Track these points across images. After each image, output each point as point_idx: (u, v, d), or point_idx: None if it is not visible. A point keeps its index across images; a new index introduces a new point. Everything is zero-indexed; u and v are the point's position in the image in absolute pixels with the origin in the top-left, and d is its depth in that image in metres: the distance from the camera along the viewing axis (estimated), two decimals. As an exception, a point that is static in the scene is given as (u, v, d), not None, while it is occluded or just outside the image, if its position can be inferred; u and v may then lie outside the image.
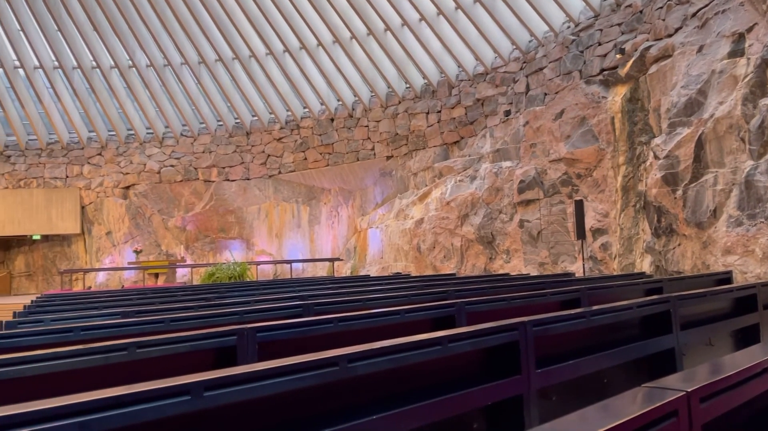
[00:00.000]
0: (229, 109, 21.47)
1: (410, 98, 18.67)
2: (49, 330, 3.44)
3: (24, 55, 19.91)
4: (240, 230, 21.63)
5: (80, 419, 1.41)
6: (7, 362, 2.24)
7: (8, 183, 21.64)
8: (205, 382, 1.66)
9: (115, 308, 5.68)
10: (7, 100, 20.74)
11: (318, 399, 2.04)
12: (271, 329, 3.05)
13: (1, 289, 20.97)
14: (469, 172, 15.35)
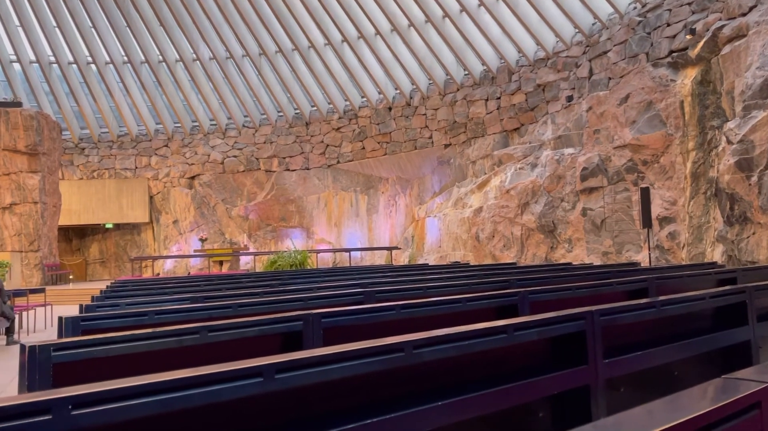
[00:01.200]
0: (288, 100, 21.81)
1: (469, 85, 18.47)
2: (125, 314, 3.61)
3: (96, 51, 20.78)
4: (300, 219, 22.00)
5: (162, 397, 1.49)
6: (90, 343, 2.38)
7: (83, 174, 22.72)
8: (276, 365, 1.71)
9: (184, 294, 5.89)
10: (81, 94, 21.73)
11: (383, 384, 2.07)
12: (336, 315, 3.10)
13: (78, 275, 22.08)
14: (529, 160, 15.08)
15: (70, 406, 1.35)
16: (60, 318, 3.25)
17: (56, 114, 21.74)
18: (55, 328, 10.75)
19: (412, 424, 1.93)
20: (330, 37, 19.36)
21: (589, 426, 1.24)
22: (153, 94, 21.76)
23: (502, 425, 2.30)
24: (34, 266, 18.08)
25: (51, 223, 19.30)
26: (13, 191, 18.16)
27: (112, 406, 1.42)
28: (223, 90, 21.57)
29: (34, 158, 18.47)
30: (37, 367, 2.22)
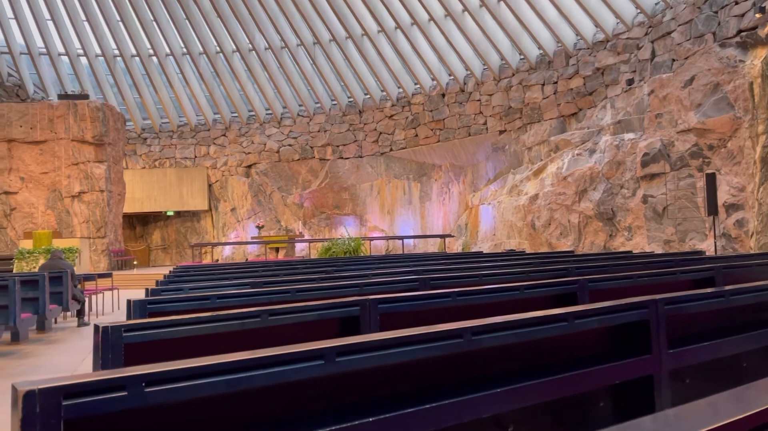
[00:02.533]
0: (342, 88, 21.93)
1: (524, 70, 18.12)
2: (189, 298, 3.73)
3: (157, 44, 21.41)
4: (353, 206, 22.17)
5: (229, 377, 1.54)
6: (158, 324, 2.47)
7: (145, 163, 23.53)
8: (337, 348, 1.74)
9: (243, 279, 6.05)
10: (143, 86, 22.46)
11: (441, 370, 2.08)
12: (392, 301, 3.12)
13: (141, 261, 22.97)
14: (587, 145, 14.71)
15: (143, 383, 1.41)
16: (128, 301, 3.39)
17: (120, 105, 22.55)
18: (121, 311, 11.24)
19: (470, 410, 1.93)
20: (383, 24, 19.32)
21: (649, 418, 1.21)
22: (211, 84, 22.28)
23: (562, 413, 2.27)
24: (101, 252, 18.89)
25: (116, 211, 20.10)
26: (82, 180, 18.98)
27: (182, 385, 1.47)
28: (278, 79, 21.88)
29: (100, 148, 19.22)
30: (110, 347, 2.33)
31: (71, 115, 18.99)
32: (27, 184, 18.88)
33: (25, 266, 15.55)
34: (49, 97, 21.68)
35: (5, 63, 21.16)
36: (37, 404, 1.27)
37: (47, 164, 18.93)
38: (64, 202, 18.91)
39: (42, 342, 8.10)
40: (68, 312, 9.43)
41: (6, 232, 18.75)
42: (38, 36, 21.02)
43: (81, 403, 1.33)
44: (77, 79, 22.01)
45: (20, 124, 18.81)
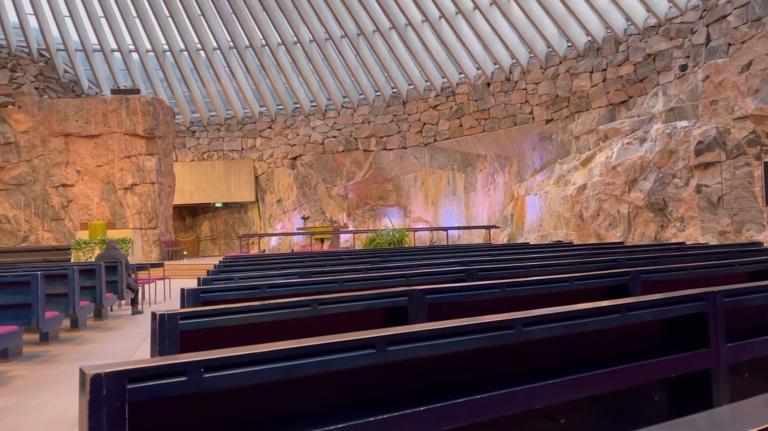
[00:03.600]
0: (386, 79, 21.92)
1: (572, 57, 17.74)
2: (239, 287, 3.82)
3: (204, 38, 21.81)
4: (397, 198, 22.19)
5: (284, 364, 1.57)
6: (213, 312, 2.54)
7: (194, 156, 24.07)
8: (388, 337, 1.75)
9: (291, 269, 6.13)
10: (191, 80, 22.94)
11: (491, 361, 2.07)
12: (440, 292, 3.12)
13: (191, 251, 23.56)
14: (638, 134, 14.32)
15: (202, 369, 1.45)
16: (182, 289, 3.49)
17: (170, 99, 23.10)
18: (172, 300, 11.56)
19: (521, 401, 1.92)
20: (427, 13, 19.19)
21: (704, 415, 1.18)
22: (257, 77, 22.59)
23: (615, 406, 2.24)
24: (152, 242, 19.45)
25: (167, 202, 20.65)
26: (134, 173, 19.56)
27: (239, 371, 1.51)
28: (322, 71, 22.02)
29: (151, 141, 19.76)
30: (167, 334, 2.41)
31: (123, 109, 19.57)
32: (83, 176, 19.58)
33: (82, 256, 16.15)
34: (102, 92, 22.37)
35: (62, 60, 21.92)
36: (104, 387, 1.32)
37: (101, 157, 19.57)
38: (118, 194, 19.53)
39: (99, 329, 8.41)
40: (123, 300, 9.76)
41: (64, 223, 19.50)
42: (92, 33, 21.69)
43: (144, 387, 1.38)
44: (129, 74, 22.64)
45: (76, 119, 19.49)
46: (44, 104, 19.52)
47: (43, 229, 19.43)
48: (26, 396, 4.78)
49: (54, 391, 4.92)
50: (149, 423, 1.43)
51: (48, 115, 19.43)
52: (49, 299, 6.75)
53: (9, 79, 19.83)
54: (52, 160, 19.41)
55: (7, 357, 6.11)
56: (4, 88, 19.71)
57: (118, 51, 22.29)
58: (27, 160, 19.33)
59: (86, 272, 8.27)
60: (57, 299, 7.14)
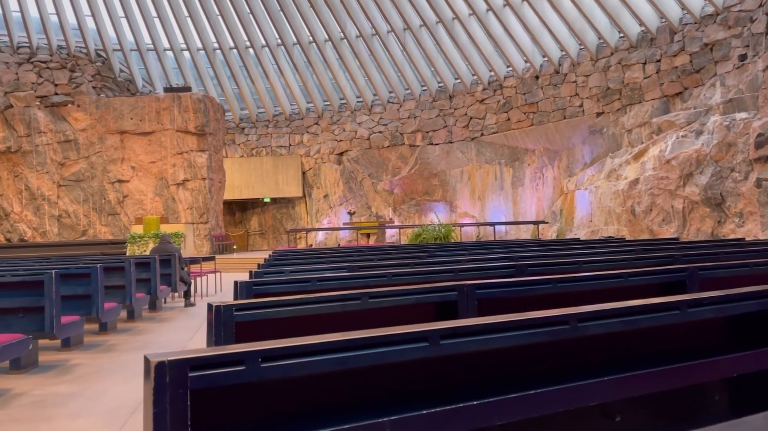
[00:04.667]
0: (432, 74, 21.82)
1: (624, 48, 17.27)
2: (290, 280, 3.88)
3: (253, 36, 22.16)
4: (443, 193, 22.09)
5: (338, 355, 1.59)
6: (266, 304, 2.59)
7: (243, 152, 24.52)
8: (441, 331, 1.75)
9: (339, 263, 6.19)
10: (240, 77, 23.35)
11: (545, 357, 2.05)
12: (490, 287, 3.10)
13: (240, 245, 24.04)
14: (693, 126, 13.85)
15: (259, 359, 1.48)
16: (235, 282, 3.57)
17: (219, 96, 23.57)
18: (223, 293, 11.82)
19: (576, 397, 1.89)
20: (474, 6, 18.99)
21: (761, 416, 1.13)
22: (304, 74, 22.83)
23: (673, 405, 2.18)
24: (203, 236, 19.93)
25: (217, 198, 21.11)
26: (186, 169, 20.07)
27: (295, 361, 1.54)
28: (369, 67, 22.08)
29: (202, 138, 20.22)
30: (222, 325, 2.47)
31: (176, 107, 20.08)
32: (137, 172, 20.20)
33: (137, 249, 16.68)
34: (156, 90, 23.01)
35: (117, 60, 22.64)
36: (167, 374, 1.36)
37: (155, 154, 20.15)
38: (170, 189, 20.08)
39: (154, 320, 8.67)
40: (176, 292, 10.03)
41: (119, 218, 20.18)
42: (146, 33, 22.32)
43: (204, 375, 1.42)
44: (181, 72, 23.21)
45: (131, 117, 20.12)
46: (101, 103, 20.22)
47: (101, 224, 20.15)
48: (88, 383, 4.98)
49: (114, 379, 5.10)
50: (209, 410, 1.48)
51: (105, 113, 20.12)
52: (108, 291, 7.00)
53: (69, 79, 20.61)
54: (108, 156, 20.10)
55: (70, 346, 6.37)
56: (64, 87, 20.49)
57: (170, 50, 22.87)
58: (85, 156, 20.07)
59: (142, 265, 8.54)
60: (115, 291, 7.40)
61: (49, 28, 20.96)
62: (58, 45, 21.29)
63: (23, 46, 20.99)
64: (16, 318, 5.28)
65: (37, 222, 19.92)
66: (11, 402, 4.43)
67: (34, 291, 5.31)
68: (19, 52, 20.81)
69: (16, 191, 19.89)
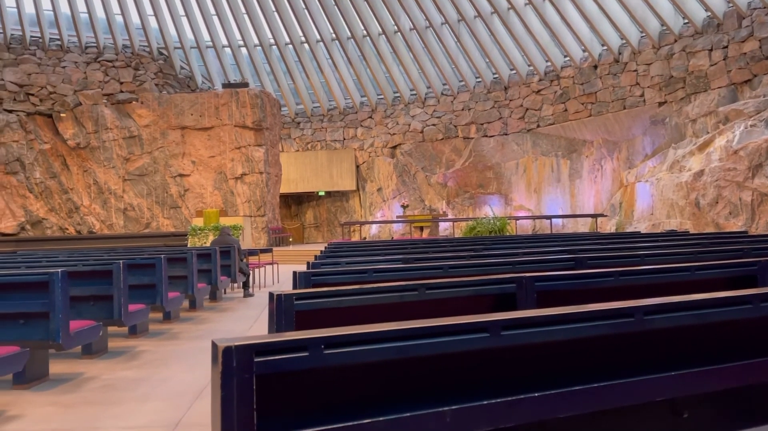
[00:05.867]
0: (487, 65, 21.55)
1: (688, 35, 16.61)
2: (347, 271, 3.92)
3: (308, 31, 22.41)
4: (498, 185, 21.83)
5: (399, 344, 1.60)
6: (325, 294, 2.63)
7: (299, 146, 24.88)
8: (501, 321, 1.74)
9: (393, 255, 6.21)
10: (296, 72, 23.68)
11: (609, 350, 2.00)
12: (549, 279, 3.05)
13: (296, 237, 24.44)
14: (763, 115, 13.21)
15: (322, 346, 1.51)
16: (294, 272, 3.63)
17: (276, 92, 23.97)
18: (281, 284, 12.05)
19: (642, 392, 1.85)
20: (530, -5, 18.63)
21: None
22: (358, 68, 22.94)
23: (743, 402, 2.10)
24: (261, 229, 20.36)
25: (274, 191, 21.52)
26: (243, 163, 20.53)
27: (357, 349, 1.56)
28: (422, 59, 21.99)
29: (259, 133, 20.63)
30: (283, 313, 2.52)
31: (233, 102, 20.55)
32: (197, 167, 20.80)
33: (197, 241, 17.19)
34: (214, 86, 23.59)
35: (178, 57, 23.32)
36: (234, 359, 1.41)
37: (214, 148, 20.70)
38: (229, 183, 20.59)
39: (214, 310, 8.93)
40: (235, 283, 10.29)
41: (181, 211, 20.84)
42: (205, 30, 22.89)
43: (269, 360, 1.45)
44: (238, 68, 23.72)
45: (191, 113, 20.71)
46: (163, 99, 20.89)
47: (163, 216, 20.86)
48: (155, 369, 5.18)
49: (179, 365, 5.29)
50: (273, 394, 1.51)
51: (166, 109, 20.78)
52: (171, 281, 7.24)
53: (133, 77, 21.37)
54: (170, 151, 20.77)
55: (136, 334, 6.64)
56: (129, 85, 21.27)
57: (228, 46, 23.39)
58: (149, 152, 20.80)
59: (203, 256, 8.80)
60: (177, 281, 7.66)
61: (115, 28, 21.78)
62: (123, 44, 22.10)
63: (91, 46, 21.89)
64: (88, 305, 5.53)
65: (105, 215, 20.79)
66: (84, 386, 4.66)
67: (104, 280, 5.54)
68: (87, 52, 21.72)
69: (85, 185, 20.81)
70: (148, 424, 3.75)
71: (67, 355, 5.56)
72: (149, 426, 3.72)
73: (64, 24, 21.48)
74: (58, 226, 20.73)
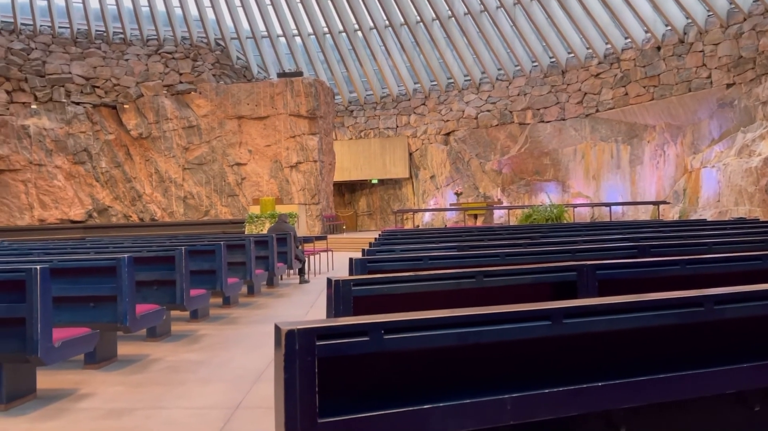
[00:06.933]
0: (544, 49, 21.06)
1: (759, 13, 15.76)
2: (402, 258, 3.93)
3: (361, 18, 22.42)
4: (555, 172, 21.38)
5: (459, 330, 1.59)
6: (382, 280, 2.64)
7: (352, 134, 25.00)
8: (564, 309, 1.70)
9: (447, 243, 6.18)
10: (349, 60, 23.76)
11: (675, 340, 1.94)
12: (612, 267, 2.97)
13: (349, 225, 24.65)
14: (843, 96, 12.42)
15: (383, 331, 1.52)
16: (350, 259, 3.66)
17: (329, 80, 24.13)
18: (335, 271, 12.20)
19: (711, 383, 1.78)
20: (589, -25, 18.05)
21: None
22: (411, 54, 22.82)
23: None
24: (315, 217, 20.62)
25: (328, 179, 21.73)
26: (298, 151, 20.80)
27: (417, 334, 1.56)
28: (477, 44, 21.67)
29: (313, 121, 20.84)
30: (341, 299, 2.54)
31: (288, 91, 20.81)
32: (254, 155, 21.21)
33: (254, 229, 17.57)
34: (269, 76, 23.93)
35: (234, 48, 23.76)
36: (296, 342, 1.43)
37: (269, 137, 21.05)
38: (284, 171, 20.92)
39: (271, 296, 9.12)
40: (291, 270, 10.48)
41: (238, 199, 21.33)
42: (260, 20, 23.22)
43: (331, 344, 1.47)
44: (293, 57, 23.98)
45: (247, 102, 21.11)
46: (220, 89, 21.36)
47: (221, 204, 21.41)
48: (215, 352, 5.34)
49: (238, 349, 5.44)
50: (334, 378, 1.53)
51: (224, 99, 21.24)
52: (230, 267, 7.43)
53: (191, 68, 21.92)
54: (227, 141, 21.25)
55: (197, 318, 6.85)
56: (188, 76, 21.83)
57: (283, 36, 23.66)
58: (207, 141, 21.34)
59: (260, 243, 8.99)
60: (236, 267, 7.85)
61: (174, 21, 22.36)
62: (182, 36, 22.67)
63: (151, 39, 22.56)
64: (152, 290, 5.74)
65: (166, 203, 21.49)
66: (150, 367, 4.85)
67: (167, 266, 5.74)
68: (148, 45, 22.40)
69: (147, 174, 21.54)
70: (211, 405, 3.87)
71: (133, 338, 5.79)
72: (212, 407, 3.84)
73: (127, 18, 22.20)
74: (123, 214, 21.56)
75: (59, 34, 21.72)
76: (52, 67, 20.93)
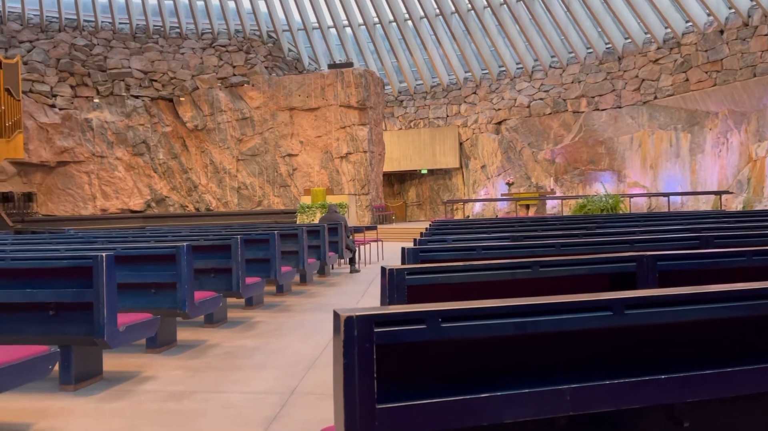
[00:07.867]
0: (599, 34, 20.48)
1: (834, -9, 14.90)
2: (454, 248, 3.91)
3: (411, 7, 22.30)
4: (610, 161, 20.83)
5: (516, 320, 1.58)
6: (436, 270, 2.64)
7: (401, 124, 24.97)
8: (626, 300, 1.67)
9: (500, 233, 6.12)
10: (399, 50, 23.69)
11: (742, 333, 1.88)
12: (673, 258, 2.89)
13: (399, 216, 24.68)
14: None
15: (440, 319, 1.52)
16: (403, 248, 3.67)
17: (379, 70, 24.13)
18: (385, 260, 12.25)
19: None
20: (648, -42, 17.43)
21: None
22: (462, 43, 22.58)
23: None
24: (365, 207, 20.74)
25: (377, 170, 21.80)
26: (348, 142, 20.93)
27: (474, 323, 1.56)
28: (529, 31, 21.26)
29: (363, 112, 20.91)
30: (395, 287, 2.56)
31: (338, 82, 20.93)
32: (305, 146, 21.46)
33: (306, 219, 17.81)
34: (320, 67, 24.12)
35: (286, 40, 24.04)
36: (355, 328, 1.45)
37: (320, 128, 21.24)
38: (334, 162, 21.09)
39: (323, 284, 9.24)
40: (342, 259, 10.59)
41: (290, 189, 21.65)
42: (311, 12, 23.40)
43: (388, 331, 1.48)
44: (343, 48, 24.08)
45: (299, 94, 21.35)
46: (272, 81, 21.67)
47: (274, 195, 21.78)
48: (269, 338, 5.46)
49: (292, 336, 5.54)
50: (392, 365, 1.54)
51: (276, 91, 21.55)
52: (283, 256, 7.57)
53: (244, 61, 22.32)
54: (279, 132, 21.56)
55: (252, 305, 7.01)
56: (241, 68, 22.24)
57: (333, 27, 23.78)
58: (259, 132, 21.71)
59: (312, 233, 9.11)
60: (288, 256, 7.99)
61: (228, 14, 22.79)
62: (235, 29, 23.08)
63: (206, 32, 23.06)
64: (209, 278, 5.90)
65: (220, 194, 22.02)
66: (208, 352, 5.00)
67: (223, 254, 5.89)
68: (203, 38, 22.91)
69: (202, 165, 22.10)
70: (267, 390, 3.97)
71: (192, 323, 5.98)
72: (268, 392, 3.93)
73: (183, 12, 22.74)
74: (179, 204, 22.20)
75: (119, 30, 22.45)
76: (113, 62, 21.67)
